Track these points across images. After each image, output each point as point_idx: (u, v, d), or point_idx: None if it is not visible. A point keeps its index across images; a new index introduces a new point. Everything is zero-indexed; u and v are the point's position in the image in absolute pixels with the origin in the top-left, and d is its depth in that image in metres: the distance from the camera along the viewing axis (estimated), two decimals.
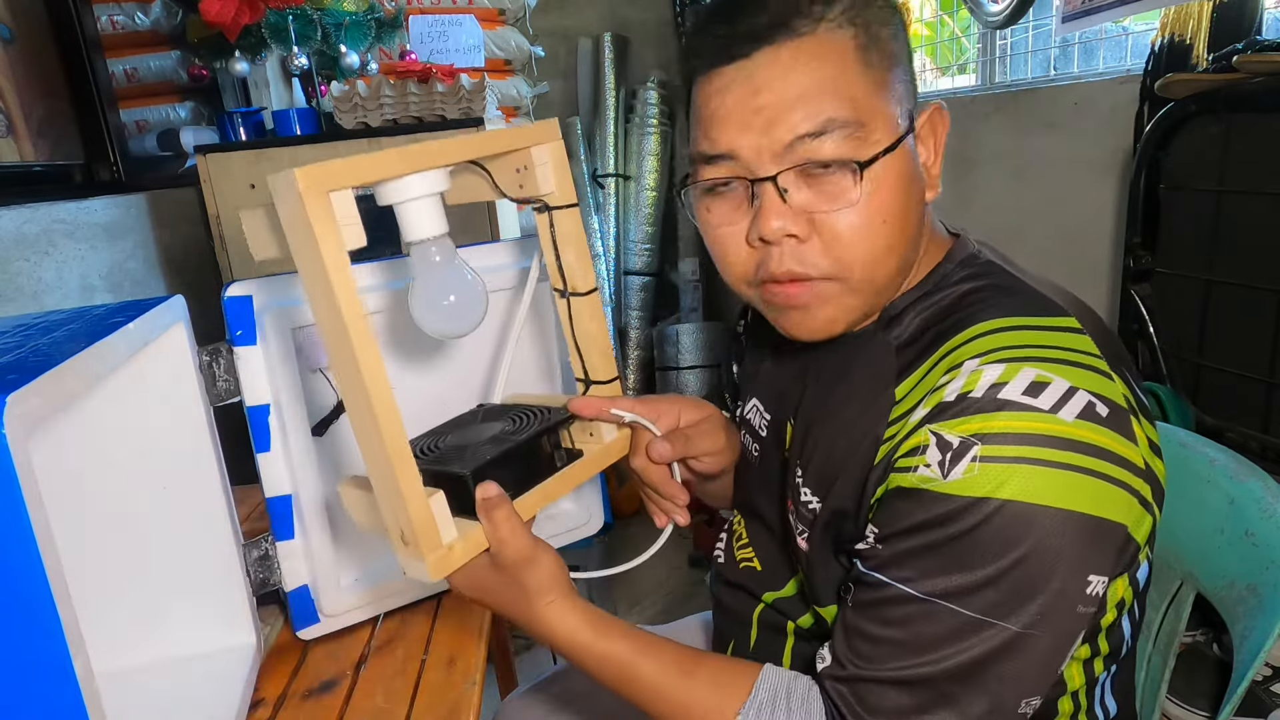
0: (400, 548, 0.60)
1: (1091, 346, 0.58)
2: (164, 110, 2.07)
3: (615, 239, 3.12)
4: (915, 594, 0.56)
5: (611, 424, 0.74)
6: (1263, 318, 1.30)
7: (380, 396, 0.56)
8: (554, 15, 3.12)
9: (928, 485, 0.56)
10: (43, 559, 0.47)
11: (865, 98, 0.60)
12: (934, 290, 0.66)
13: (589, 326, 0.73)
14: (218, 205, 1.61)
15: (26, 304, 1.49)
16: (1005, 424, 0.54)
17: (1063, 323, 0.59)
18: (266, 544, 0.84)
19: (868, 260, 0.62)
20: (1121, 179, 1.88)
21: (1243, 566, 0.74)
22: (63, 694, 0.49)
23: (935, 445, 0.56)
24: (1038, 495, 0.53)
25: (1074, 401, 0.54)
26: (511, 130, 0.67)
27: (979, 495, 0.53)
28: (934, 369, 0.61)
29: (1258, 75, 1.26)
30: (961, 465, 0.54)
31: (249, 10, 1.62)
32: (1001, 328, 0.59)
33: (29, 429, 0.48)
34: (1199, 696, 1.17)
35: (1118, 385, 0.57)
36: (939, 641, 0.55)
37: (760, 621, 0.81)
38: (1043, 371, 0.55)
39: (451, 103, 1.66)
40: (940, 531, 0.55)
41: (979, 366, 0.56)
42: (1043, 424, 0.54)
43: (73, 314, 0.70)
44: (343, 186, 0.54)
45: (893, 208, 0.61)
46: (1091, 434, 0.54)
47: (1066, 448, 0.53)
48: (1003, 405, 0.54)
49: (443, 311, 0.65)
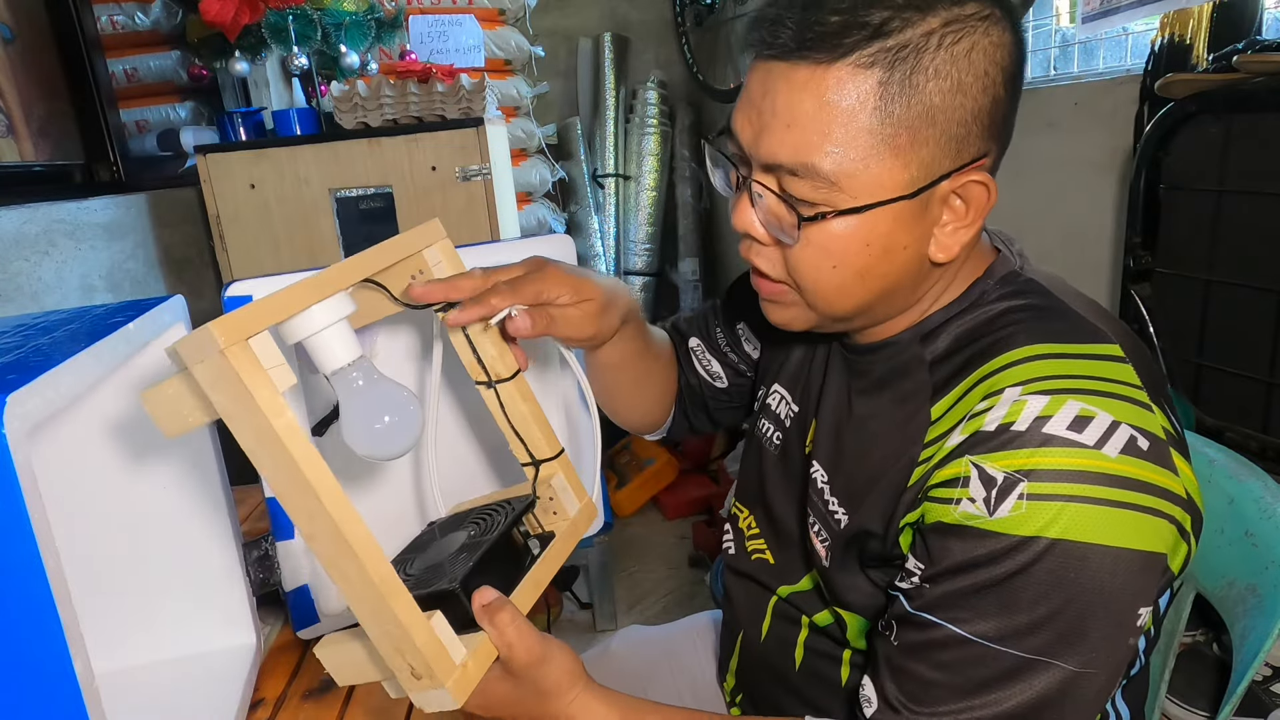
0: (413, 684, 0.56)
1: (1133, 377, 0.57)
2: (164, 110, 2.07)
3: (615, 239, 3.12)
4: (968, 636, 0.55)
5: (574, 494, 0.73)
6: (1263, 318, 1.30)
7: (358, 538, 0.52)
8: (554, 15, 3.12)
9: (973, 522, 0.55)
10: (43, 559, 0.47)
11: (857, 154, 0.56)
12: (971, 307, 0.64)
13: (521, 408, 0.71)
14: (218, 205, 1.61)
15: (26, 304, 1.49)
16: (1052, 461, 0.53)
17: (1105, 350, 0.58)
18: (266, 544, 0.84)
19: (818, 293, 0.62)
20: (1121, 179, 1.88)
21: (1242, 566, 0.74)
22: (63, 694, 0.49)
23: (978, 479, 0.55)
24: (1088, 534, 0.52)
25: (1117, 436, 0.54)
26: (400, 239, 0.66)
27: (1029, 534, 0.53)
28: (971, 391, 0.59)
29: (1258, 75, 1.26)
30: (1009, 503, 0.53)
31: (249, 10, 1.62)
32: (1042, 354, 0.57)
33: (29, 429, 0.48)
34: (1199, 696, 1.17)
35: (1157, 417, 0.56)
36: (994, 683, 0.54)
37: (774, 613, 0.81)
38: (1087, 406, 0.54)
39: (451, 103, 1.66)
40: (990, 571, 0.54)
41: (1021, 396, 0.55)
42: (1089, 460, 0.53)
43: (73, 314, 0.70)
44: (260, 330, 0.51)
45: (844, 261, 0.60)
46: (1135, 469, 0.53)
47: (1113, 484, 0.53)
48: (1047, 440, 0.53)
49: (378, 435, 0.62)
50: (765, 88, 0.58)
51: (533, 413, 0.72)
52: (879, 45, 0.54)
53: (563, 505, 0.73)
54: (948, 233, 0.60)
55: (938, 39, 0.55)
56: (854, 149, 0.56)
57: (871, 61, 0.54)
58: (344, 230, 1.65)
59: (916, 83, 0.55)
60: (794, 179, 0.58)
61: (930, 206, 0.59)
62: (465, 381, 0.92)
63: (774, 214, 0.60)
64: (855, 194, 0.57)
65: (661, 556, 2.60)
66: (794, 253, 0.61)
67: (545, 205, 2.60)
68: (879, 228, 0.58)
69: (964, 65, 0.55)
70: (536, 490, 0.72)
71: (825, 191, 0.57)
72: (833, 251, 0.59)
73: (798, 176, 0.57)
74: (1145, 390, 0.57)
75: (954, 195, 0.59)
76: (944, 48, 0.55)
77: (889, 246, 0.59)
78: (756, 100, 0.59)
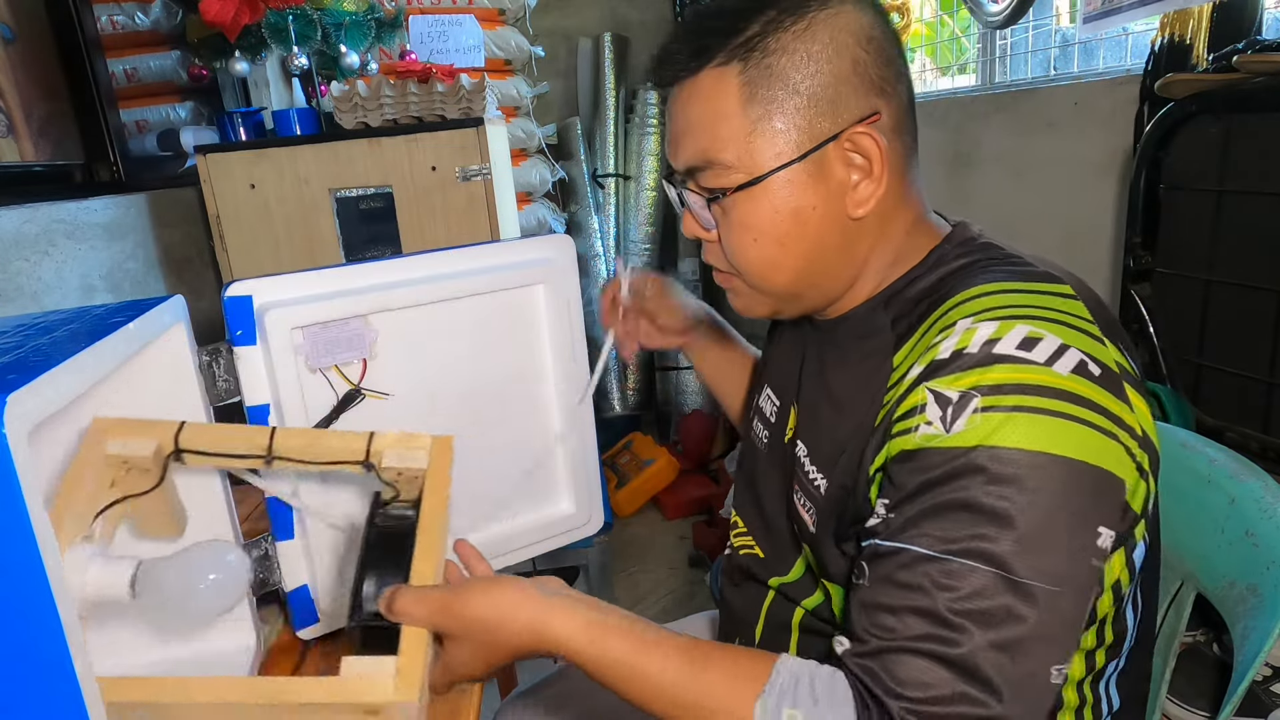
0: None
1: (1085, 312, 0.59)
2: (164, 110, 2.07)
3: (615, 239, 3.13)
4: (932, 554, 0.54)
5: (409, 444, 0.72)
6: (1263, 318, 1.30)
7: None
8: (554, 15, 3.13)
9: (932, 443, 0.56)
10: (44, 559, 0.47)
11: (738, 137, 0.65)
12: (931, 268, 0.68)
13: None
14: (218, 205, 1.61)
15: (26, 304, 1.49)
16: (1002, 375, 0.55)
17: (1056, 289, 0.60)
18: (266, 544, 0.84)
19: (752, 270, 0.69)
20: (1121, 179, 1.88)
21: (1243, 566, 0.74)
22: (64, 694, 0.49)
23: (934, 402, 0.56)
24: (1041, 443, 0.53)
25: (1067, 356, 0.55)
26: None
27: (982, 443, 0.53)
28: (928, 332, 0.62)
29: (1258, 75, 1.26)
30: (964, 418, 0.54)
31: (249, 10, 1.62)
32: (993, 290, 0.60)
33: (29, 429, 0.47)
34: (1199, 696, 1.17)
35: (1110, 350, 0.58)
36: (964, 602, 0.53)
37: (768, 615, 0.81)
38: (1035, 329, 0.56)
39: (451, 103, 1.66)
40: (950, 486, 0.54)
41: (972, 325, 0.57)
42: (1039, 375, 0.54)
43: (73, 314, 0.69)
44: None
45: (763, 232, 0.67)
46: (1087, 389, 0.55)
47: (1064, 399, 0.54)
48: (998, 359, 0.55)
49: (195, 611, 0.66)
50: (670, 113, 0.69)
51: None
52: (729, 45, 0.64)
53: (409, 462, 0.71)
54: (861, 189, 0.66)
55: (775, 25, 0.64)
56: (738, 134, 0.65)
57: (727, 59, 0.64)
58: (344, 230, 1.65)
59: (770, 64, 0.64)
60: (705, 174, 0.67)
61: (828, 168, 0.65)
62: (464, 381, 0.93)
63: (700, 209, 0.70)
64: (751, 170, 0.65)
65: (661, 557, 2.60)
66: (724, 239, 0.70)
67: (545, 205, 2.60)
68: (780, 194, 0.65)
69: (807, 39, 0.63)
70: (381, 477, 0.71)
71: (728, 175, 0.66)
72: (749, 225, 0.67)
73: (706, 170, 0.67)
74: (1097, 325, 0.58)
75: (850, 154, 0.65)
76: (784, 29, 0.64)
77: (797, 209, 0.66)
78: (668, 124, 0.70)
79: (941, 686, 0.52)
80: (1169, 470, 0.86)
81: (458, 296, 0.88)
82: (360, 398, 0.86)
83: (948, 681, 0.52)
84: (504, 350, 0.94)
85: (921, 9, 2.78)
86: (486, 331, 0.92)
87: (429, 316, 0.88)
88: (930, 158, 2.49)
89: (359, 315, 0.83)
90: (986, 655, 0.52)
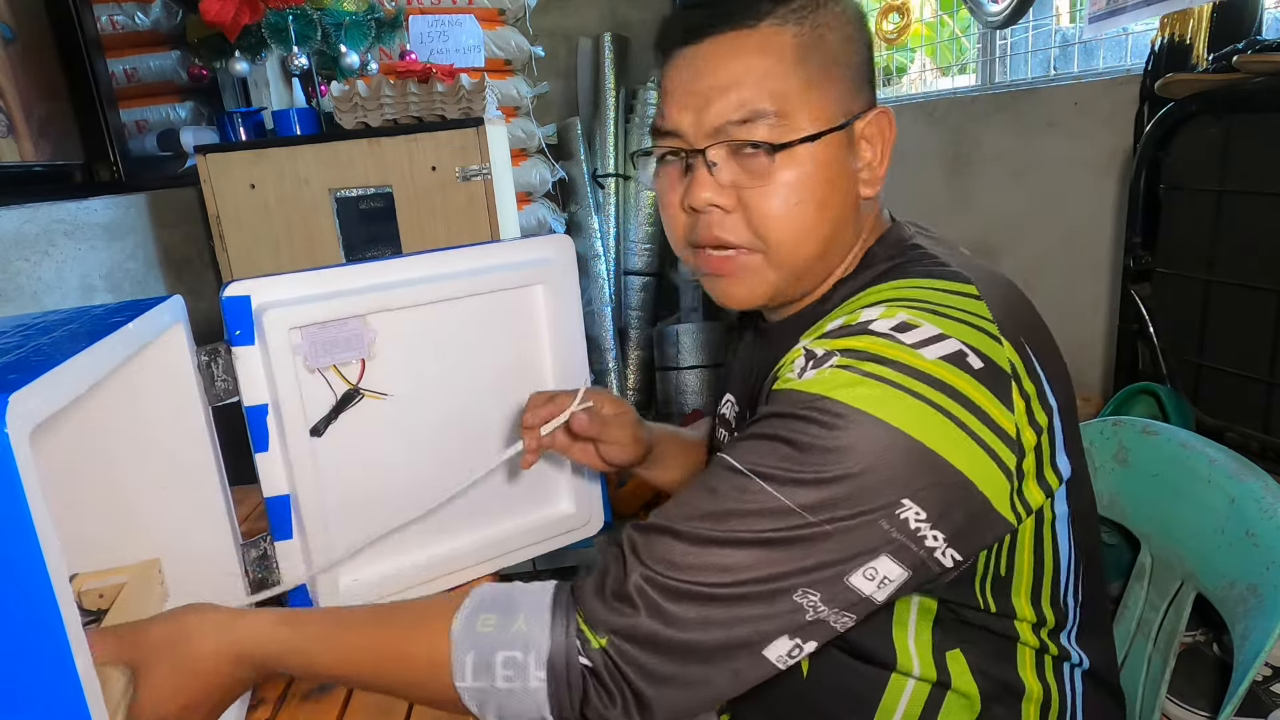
0: None
1: (983, 310, 0.60)
2: (164, 110, 2.07)
3: (615, 239, 3.13)
4: (735, 465, 0.56)
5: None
6: (1263, 318, 1.30)
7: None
8: (554, 15, 3.13)
9: (785, 385, 0.59)
10: (45, 558, 0.47)
11: (794, 92, 0.65)
12: (860, 270, 0.70)
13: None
14: (218, 205, 1.61)
15: (26, 304, 1.49)
16: (865, 344, 0.57)
17: (958, 287, 0.61)
18: (266, 544, 0.84)
19: (783, 238, 0.67)
20: (1121, 179, 1.88)
21: (1243, 566, 0.74)
22: (65, 694, 0.49)
23: (804, 356, 0.60)
24: (877, 409, 0.54)
25: (941, 345, 0.56)
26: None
27: (822, 392, 0.56)
28: (832, 317, 0.64)
29: (1258, 75, 1.26)
30: (818, 370, 0.57)
31: (249, 10, 1.62)
32: (896, 286, 0.63)
33: (30, 428, 0.48)
34: (1199, 696, 1.17)
35: (1005, 349, 0.58)
36: (737, 506, 0.55)
37: None
38: (914, 316, 0.58)
39: (451, 103, 1.66)
40: (780, 420, 0.57)
41: (862, 309, 0.60)
42: (901, 353, 0.56)
43: (73, 314, 0.70)
44: None
45: (808, 192, 0.66)
46: (952, 377, 0.55)
47: (920, 379, 0.55)
48: (869, 332, 0.58)
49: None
50: (696, 70, 0.66)
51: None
52: (785, 7, 0.65)
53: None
54: (870, 169, 0.69)
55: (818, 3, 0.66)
56: (789, 88, 0.65)
57: (784, 20, 0.65)
58: (344, 230, 1.65)
59: (820, 35, 0.65)
60: (748, 127, 0.65)
61: (853, 145, 0.68)
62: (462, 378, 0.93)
63: (741, 166, 0.66)
64: (803, 125, 0.65)
65: None
66: (759, 200, 0.66)
67: (545, 205, 2.60)
68: (826, 155, 0.66)
69: (844, 20, 0.67)
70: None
71: (777, 128, 0.65)
72: (796, 185, 0.65)
73: (752, 123, 0.65)
74: (996, 324, 0.59)
75: (862, 140, 0.68)
76: (827, 8, 0.66)
77: (835, 176, 0.67)
78: (689, 84, 0.67)
79: (682, 555, 0.55)
80: (1169, 470, 0.86)
81: (457, 296, 0.88)
82: (359, 398, 0.86)
83: (684, 553, 0.55)
84: (503, 350, 0.94)
85: (921, 9, 2.78)
86: (486, 331, 0.92)
87: (428, 317, 0.88)
88: (930, 158, 2.49)
89: (357, 315, 0.83)
90: (732, 550, 0.54)
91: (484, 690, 0.57)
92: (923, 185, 2.49)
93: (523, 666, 0.56)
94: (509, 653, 0.56)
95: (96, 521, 0.76)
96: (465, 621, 0.58)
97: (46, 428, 0.50)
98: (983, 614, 0.65)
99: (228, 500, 0.80)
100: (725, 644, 0.55)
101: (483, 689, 0.57)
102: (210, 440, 0.78)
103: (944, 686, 0.66)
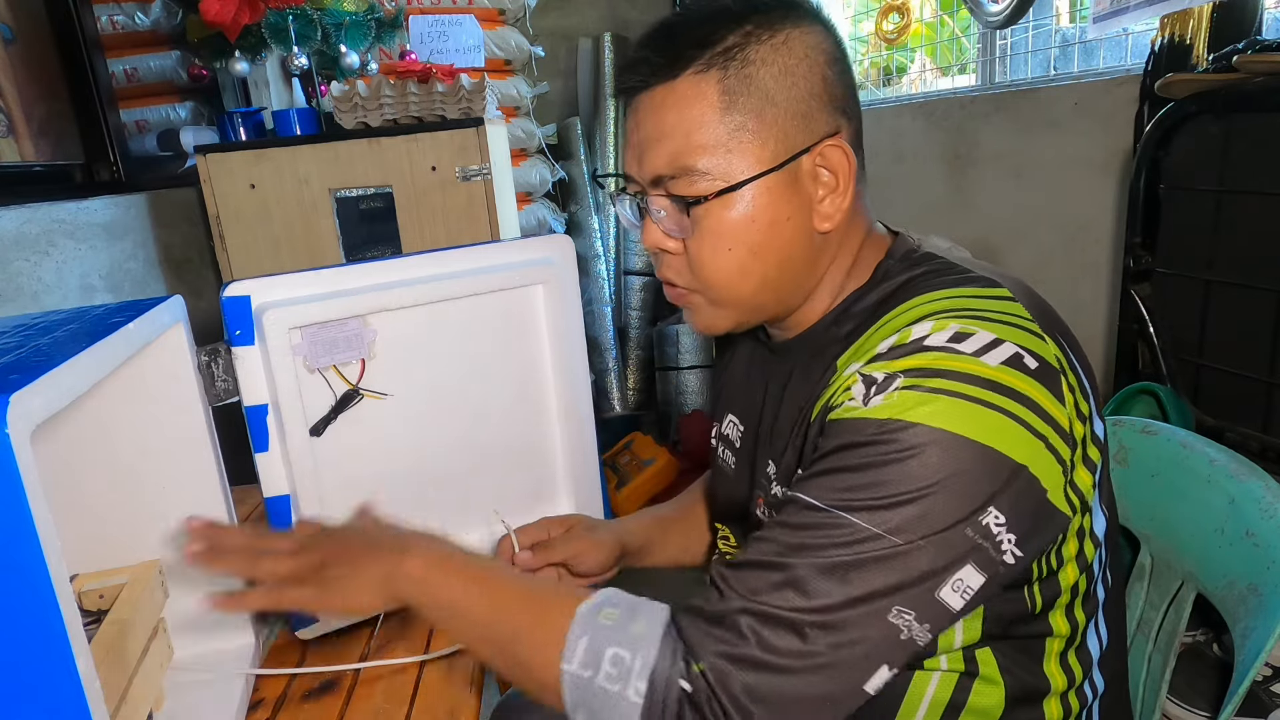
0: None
1: (1022, 311, 0.61)
2: (164, 110, 2.07)
3: (615, 239, 3.12)
4: (816, 503, 0.57)
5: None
6: (1263, 318, 1.30)
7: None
8: (554, 15, 3.12)
9: (849, 414, 0.59)
10: (46, 558, 0.47)
11: (721, 141, 0.65)
12: (879, 282, 0.70)
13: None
14: (218, 205, 1.61)
15: (26, 304, 1.49)
16: (927, 361, 0.57)
17: (993, 292, 0.62)
18: None
19: (716, 282, 0.68)
20: (1121, 179, 1.88)
21: (1243, 566, 0.74)
22: (65, 694, 0.49)
23: (861, 383, 0.59)
24: (951, 423, 0.55)
25: (999, 350, 0.57)
26: None
27: (892, 416, 0.56)
28: (871, 336, 0.64)
29: (1258, 75, 1.27)
30: (883, 395, 0.57)
31: (249, 10, 1.62)
32: (934, 297, 0.63)
33: (31, 428, 0.48)
34: (1199, 696, 1.17)
35: (1050, 346, 0.59)
36: (826, 541, 0.56)
37: None
38: (966, 325, 0.58)
39: (451, 103, 1.66)
40: (852, 451, 0.57)
41: (909, 327, 0.60)
42: (964, 364, 0.56)
43: (73, 314, 0.70)
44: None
45: (738, 239, 0.66)
46: (1014, 379, 0.56)
47: (988, 387, 0.56)
48: (927, 349, 0.58)
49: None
50: (637, 120, 0.68)
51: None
52: (709, 53, 0.64)
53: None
54: (826, 204, 0.68)
55: (755, 36, 0.65)
56: (715, 141, 0.65)
57: (707, 67, 0.64)
58: (344, 230, 1.65)
59: (749, 74, 0.64)
60: (677, 182, 0.66)
61: (800, 181, 0.67)
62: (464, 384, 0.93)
63: (671, 218, 0.68)
64: (728, 178, 0.65)
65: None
66: (694, 248, 0.68)
67: (545, 205, 2.60)
68: (757, 202, 0.66)
69: (784, 52, 0.65)
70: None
71: (704, 183, 0.65)
72: (724, 233, 0.66)
73: (679, 179, 0.66)
74: (1037, 323, 0.60)
75: (820, 169, 0.67)
76: (763, 42, 0.65)
77: (773, 219, 0.66)
78: (633, 132, 0.69)
79: (769, 590, 0.56)
80: (1169, 470, 0.86)
81: (457, 297, 0.89)
82: (358, 398, 0.86)
83: (772, 586, 0.56)
84: (503, 350, 0.94)
85: (921, 9, 2.78)
86: (486, 331, 0.92)
87: (428, 317, 0.88)
88: (930, 158, 2.49)
89: (357, 315, 0.83)
90: (820, 579, 0.55)
91: (585, 682, 0.57)
92: (923, 185, 2.49)
93: (627, 670, 0.56)
94: (619, 650, 0.57)
95: (96, 521, 0.77)
96: (591, 607, 0.60)
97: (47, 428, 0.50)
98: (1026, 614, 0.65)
99: (228, 500, 0.80)
100: (828, 671, 0.55)
101: (585, 680, 0.57)
102: (210, 440, 0.78)
103: (971, 676, 0.66)
